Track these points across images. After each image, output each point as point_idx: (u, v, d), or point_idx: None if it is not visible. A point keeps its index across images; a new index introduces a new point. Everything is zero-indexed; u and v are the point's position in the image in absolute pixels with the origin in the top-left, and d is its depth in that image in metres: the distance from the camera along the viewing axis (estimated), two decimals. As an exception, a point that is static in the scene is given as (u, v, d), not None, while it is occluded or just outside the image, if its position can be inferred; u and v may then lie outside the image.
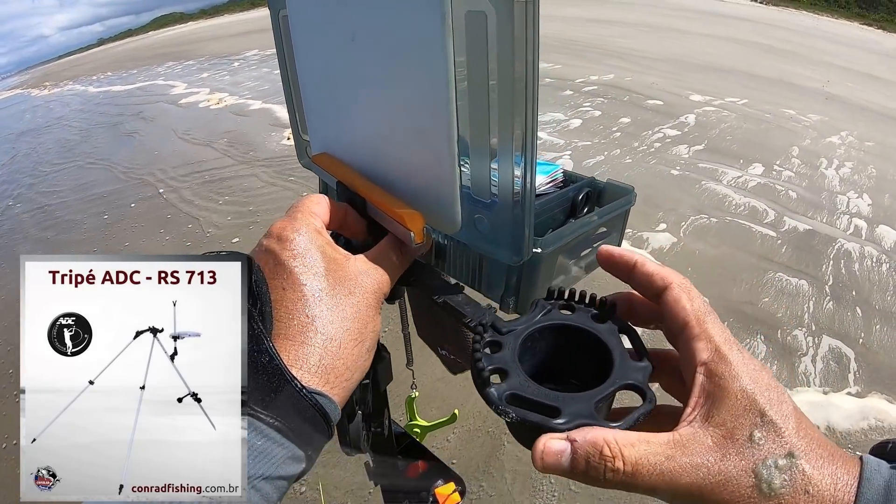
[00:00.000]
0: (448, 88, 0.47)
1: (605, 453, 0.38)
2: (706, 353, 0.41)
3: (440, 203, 0.55)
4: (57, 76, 16.44)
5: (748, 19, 13.36)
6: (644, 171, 4.86)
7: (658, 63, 8.48)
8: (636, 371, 0.44)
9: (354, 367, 0.49)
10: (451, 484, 1.28)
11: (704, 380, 0.41)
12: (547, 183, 0.80)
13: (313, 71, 0.65)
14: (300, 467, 0.44)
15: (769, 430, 0.37)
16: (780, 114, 6.24)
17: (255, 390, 0.42)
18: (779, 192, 4.45)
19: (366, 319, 0.50)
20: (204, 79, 10.60)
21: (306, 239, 0.50)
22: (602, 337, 0.47)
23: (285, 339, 0.46)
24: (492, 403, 0.42)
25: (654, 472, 0.37)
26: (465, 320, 0.56)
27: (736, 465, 0.37)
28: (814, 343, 2.84)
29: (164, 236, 4.50)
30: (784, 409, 0.38)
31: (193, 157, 6.15)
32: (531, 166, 0.49)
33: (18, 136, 8.90)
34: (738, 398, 0.38)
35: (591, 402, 0.42)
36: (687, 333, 0.43)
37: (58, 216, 5.26)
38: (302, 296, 0.48)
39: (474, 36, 0.45)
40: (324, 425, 0.45)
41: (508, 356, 0.46)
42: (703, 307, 0.44)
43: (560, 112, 6.40)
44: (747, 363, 0.41)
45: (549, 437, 0.40)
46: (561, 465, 0.39)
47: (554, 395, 0.42)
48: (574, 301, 0.51)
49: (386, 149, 0.60)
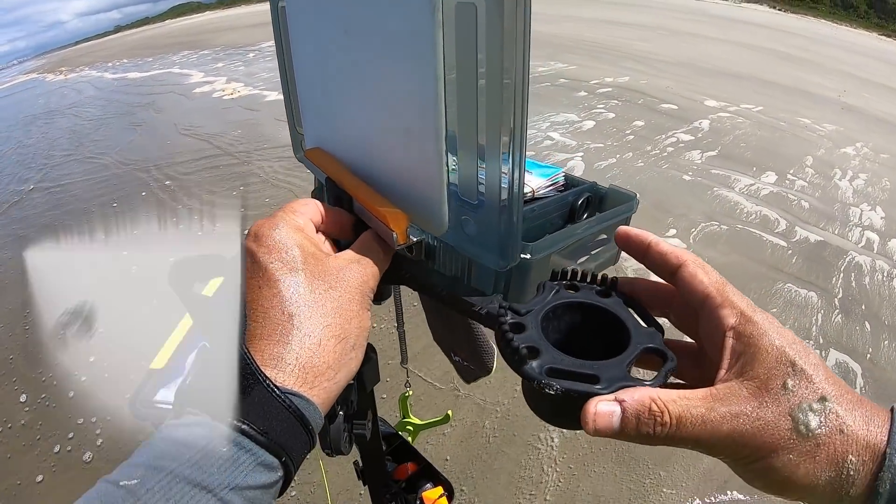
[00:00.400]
0: (437, 84, 0.46)
1: (653, 409, 0.39)
2: (733, 318, 0.42)
3: (427, 203, 0.53)
4: (73, 62, 16.52)
5: (766, 26, 13.30)
6: (656, 175, 4.83)
7: (674, 67, 8.44)
8: (651, 336, 0.46)
9: (338, 366, 0.46)
10: (440, 488, 1.27)
11: (734, 342, 0.42)
12: (547, 186, 0.78)
13: (308, 64, 0.64)
14: (275, 476, 0.41)
15: (801, 378, 0.38)
16: (795, 122, 6.19)
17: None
18: (791, 202, 4.41)
19: (349, 315, 0.48)
20: (219, 69, 10.63)
21: (283, 234, 0.49)
22: (612, 310, 0.49)
23: (260, 339, 0.44)
24: (533, 379, 0.42)
25: (696, 423, 0.39)
26: (474, 309, 0.55)
27: (773, 410, 0.38)
28: (820, 356, 2.77)
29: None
30: (812, 359, 0.40)
31: (204, 146, 6.17)
32: (519, 167, 0.47)
33: (34, 118, 8.95)
34: (768, 352, 0.40)
35: (623, 366, 0.43)
36: (710, 303, 0.44)
37: (66, 202, 5.28)
38: (278, 293, 0.46)
39: (464, 29, 0.43)
40: (301, 430, 0.43)
41: (535, 334, 0.46)
42: (720, 279, 0.45)
43: (574, 113, 6.38)
44: (773, 322, 0.42)
45: (598, 401, 0.40)
46: (612, 426, 0.40)
47: (589, 364, 0.43)
48: (577, 280, 0.52)
49: (376, 145, 0.58)
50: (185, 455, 0.37)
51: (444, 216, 0.53)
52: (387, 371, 2.32)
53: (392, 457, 1.35)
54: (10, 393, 2.85)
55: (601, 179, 0.76)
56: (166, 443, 0.38)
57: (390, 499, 1.23)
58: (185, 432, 0.39)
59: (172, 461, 0.37)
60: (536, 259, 0.58)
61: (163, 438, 0.39)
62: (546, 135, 5.75)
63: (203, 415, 0.40)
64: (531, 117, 6.05)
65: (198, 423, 0.39)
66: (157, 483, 0.35)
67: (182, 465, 0.37)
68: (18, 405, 2.77)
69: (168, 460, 0.37)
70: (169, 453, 0.37)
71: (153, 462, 0.37)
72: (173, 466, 0.36)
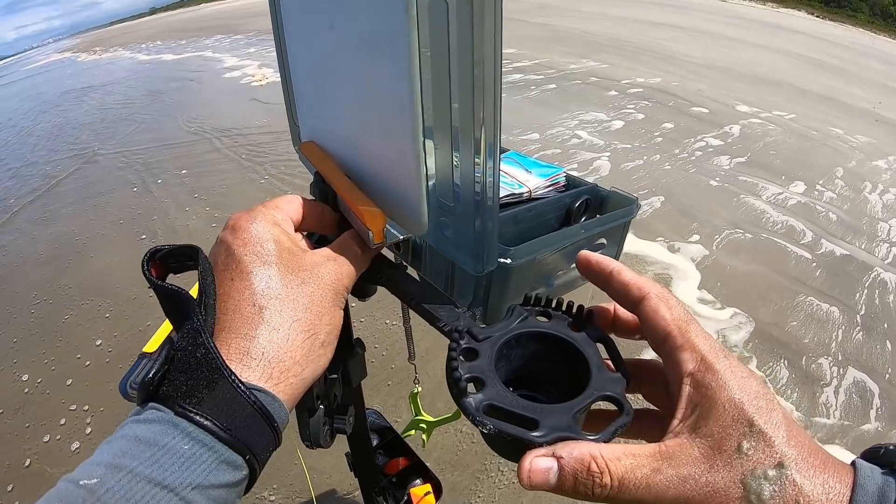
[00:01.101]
0: (412, 81, 0.45)
1: (592, 469, 0.37)
2: (692, 364, 0.40)
3: (407, 202, 0.53)
4: (107, 42, 16.68)
5: (803, 32, 13.06)
6: (682, 179, 4.76)
7: (707, 70, 8.33)
8: (613, 382, 0.43)
9: (305, 363, 0.45)
10: (428, 485, 1.28)
11: (691, 391, 0.39)
12: (546, 187, 0.77)
13: (301, 57, 0.64)
14: (239, 474, 0.40)
15: (758, 440, 0.36)
16: (826, 132, 6.07)
17: (188, 387, 0.40)
18: (818, 213, 4.33)
19: (320, 311, 0.48)
20: (251, 53, 10.68)
21: (260, 228, 0.48)
22: (578, 346, 0.46)
23: (228, 332, 0.43)
24: (468, 414, 0.41)
25: (640, 486, 0.36)
26: (439, 325, 0.54)
27: (724, 476, 0.35)
28: (838, 374, 2.76)
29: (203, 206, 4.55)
30: (774, 417, 0.37)
31: (235, 126, 6.21)
32: (493, 164, 0.46)
33: (80, 92, 9.07)
34: (725, 408, 0.37)
35: (570, 414, 0.40)
36: (670, 344, 0.41)
37: (94, 180, 5.36)
38: (249, 285, 0.45)
39: (437, 27, 0.43)
40: (265, 426, 0.42)
41: (485, 364, 0.44)
42: (683, 315, 0.42)
43: (603, 112, 6.31)
44: (735, 371, 0.39)
45: (535, 455, 0.38)
46: (548, 483, 0.38)
47: (531, 407, 0.41)
48: (551, 308, 0.50)
49: (360, 142, 0.58)
50: (146, 453, 0.37)
51: (424, 216, 0.52)
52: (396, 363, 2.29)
53: (384, 451, 1.36)
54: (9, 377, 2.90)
55: (627, 181, 0.75)
56: (127, 440, 0.38)
57: (378, 492, 1.24)
58: (145, 429, 0.38)
59: (133, 459, 0.36)
60: (517, 265, 0.57)
61: (123, 436, 0.38)
62: (574, 133, 5.69)
63: (166, 410, 0.39)
64: (559, 115, 6.03)
65: (159, 420, 0.39)
66: (118, 483, 0.35)
67: (142, 463, 0.36)
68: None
69: (128, 458, 0.36)
70: (129, 451, 0.37)
71: (113, 460, 0.36)
72: (133, 465, 0.36)
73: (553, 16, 12.45)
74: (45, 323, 3.29)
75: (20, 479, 2.31)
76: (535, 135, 5.68)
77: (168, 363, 0.41)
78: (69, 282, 3.67)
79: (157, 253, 0.47)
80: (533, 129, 5.84)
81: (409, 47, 0.44)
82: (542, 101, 6.73)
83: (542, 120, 6.08)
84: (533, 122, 6.02)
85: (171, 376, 0.40)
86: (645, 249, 3.58)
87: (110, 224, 4.41)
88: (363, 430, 1.01)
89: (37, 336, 3.18)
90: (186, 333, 0.41)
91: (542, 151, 5.28)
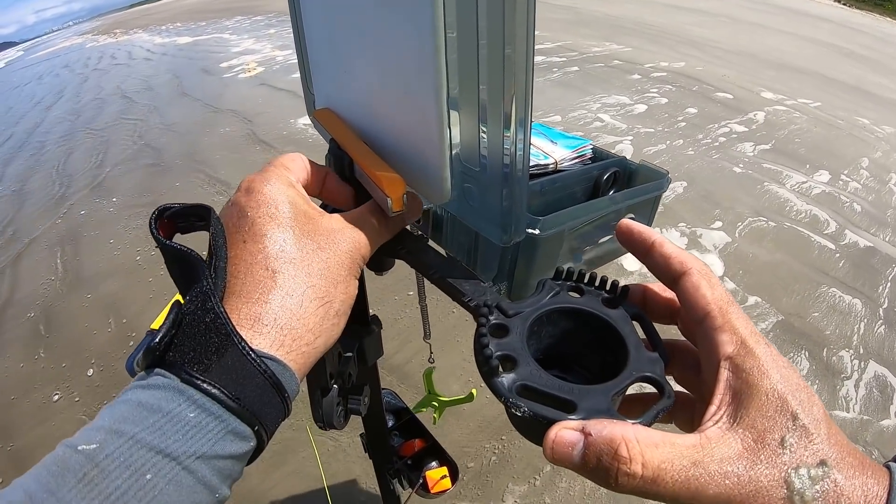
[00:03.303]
0: (436, 37, 0.42)
1: (620, 453, 0.34)
2: (731, 346, 0.38)
3: (429, 169, 0.50)
4: (127, 24, 16.73)
5: (830, 20, 12.79)
6: (705, 165, 4.68)
7: (732, 55, 8.20)
8: (652, 363, 0.41)
9: (318, 331, 0.43)
10: (444, 468, 1.26)
11: (730, 375, 0.37)
12: (573, 158, 0.74)
13: (316, 18, 0.61)
14: (247, 446, 0.39)
15: (801, 436, 0.34)
16: (853, 122, 5.94)
17: (196, 353, 0.38)
18: (843, 204, 4.24)
19: (335, 279, 0.45)
20: (270, 35, 10.66)
21: (275, 189, 0.46)
22: (615, 323, 0.43)
23: (239, 297, 0.41)
24: (501, 395, 0.38)
25: (678, 480, 0.33)
26: (464, 299, 0.50)
27: (767, 474, 0.33)
28: (859, 367, 2.71)
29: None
30: (815, 412, 0.35)
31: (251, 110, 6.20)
32: (524, 131, 0.43)
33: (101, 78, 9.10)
34: (768, 397, 0.35)
35: (609, 396, 0.38)
36: (708, 323, 0.39)
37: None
38: (262, 248, 0.43)
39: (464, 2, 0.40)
40: (275, 396, 0.40)
41: (517, 342, 0.42)
42: (725, 296, 0.40)
43: (625, 96, 6.23)
44: (776, 359, 0.37)
45: (563, 426, 0.36)
46: (571, 459, 0.35)
47: (568, 388, 0.38)
48: (584, 283, 0.47)
49: (378, 107, 0.55)
50: (149, 419, 0.35)
51: (447, 184, 0.50)
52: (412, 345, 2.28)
53: (400, 432, 1.34)
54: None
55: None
56: (129, 405, 0.36)
57: (393, 474, 1.22)
58: (149, 395, 0.36)
59: (134, 425, 0.34)
60: (546, 236, 0.54)
61: (126, 401, 0.36)
62: (596, 116, 5.63)
63: (171, 376, 0.37)
64: (581, 97, 5.97)
65: (165, 386, 0.37)
66: (118, 449, 0.33)
67: (144, 429, 0.34)
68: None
69: (130, 424, 0.34)
70: (131, 417, 0.35)
71: (114, 426, 0.34)
72: (135, 431, 0.34)
73: (576, -2, 12.35)
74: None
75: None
76: (557, 117, 5.62)
77: (175, 328, 0.39)
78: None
79: (165, 211, 0.45)
80: (555, 111, 5.78)
81: (433, 3, 0.41)
82: (565, 84, 6.64)
83: (564, 102, 6.01)
84: (555, 104, 5.96)
85: (178, 342, 0.39)
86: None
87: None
88: (378, 411, 0.99)
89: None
90: (195, 297, 0.40)
91: (563, 135, 5.21)
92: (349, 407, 0.71)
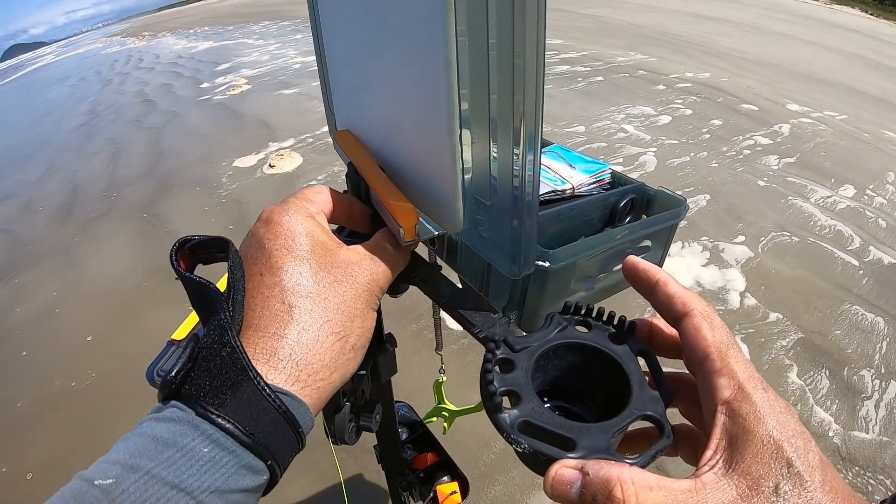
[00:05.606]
0: (448, 70, 0.42)
1: (615, 494, 0.34)
2: (728, 391, 0.38)
3: (442, 198, 0.50)
4: (155, 27, 16.95)
5: (857, 30, 12.64)
6: (729, 178, 4.64)
7: (757, 66, 8.13)
8: (654, 401, 0.41)
9: (333, 366, 0.44)
10: (455, 483, 1.26)
11: (727, 420, 0.37)
12: (591, 184, 0.73)
13: (337, 41, 0.61)
14: (260, 479, 0.39)
15: (796, 483, 0.34)
16: (879, 135, 5.86)
17: (212, 387, 0.38)
18: (867, 219, 4.18)
19: (352, 313, 0.45)
20: (297, 40, 10.76)
21: (293, 221, 0.46)
22: (619, 359, 0.44)
23: (256, 330, 0.42)
24: (503, 431, 0.39)
25: None
26: (473, 330, 0.51)
27: None
28: (880, 387, 2.66)
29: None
30: (811, 459, 0.35)
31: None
32: (533, 159, 0.43)
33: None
34: (764, 444, 0.35)
35: (608, 434, 0.38)
36: (707, 366, 0.39)
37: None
38: (279, 280, 0.43)
39: (475, 9, 0.40)
40: (290, 432, 0.40)
41: (521, 377, 0.42)
42: (725, 339, 0.40)
43: (650, 107, 6.20)
44: (773, 405, 0.37)
45: (563, 465, 0.36)
46: (570, 497, 0.35)
47: (569, 426, 0.39)
48: (591, 317, 0.47)
49: (394, 132, 0.55)
50: (164, 454, 0.35)
51: (460, 214, 0.50)
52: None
53: (413, 445, 1.35)
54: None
55: (673, 178, 0.71)
56: (144, 439, 0.36)
57: (405, 487, 1.23)
58: (164, 428, 0.37)
59: (150, 460, 0.35)
60: (557, 268, 0.54)
61: (141, 433, 0.37)
62: (620, 127, 5.61)
63: (187, 410, 0.38)
64: (605, 108, 5.95)
65: (180, 419, 0.37)
66: (133, 483, 0.34)
67: (159, 464, 0.35)
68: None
69: (145, 459, 0.35)
70: (147, 451, 0.36)
71: (129, 460, 0.35)
72: (150, 466, 0.35)
73: (601, 7, 12.29)
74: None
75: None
76: (581, 127, 5.61)
77: (192, 361, 0.40)
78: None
79: (186, 243, 0.46)
80: (579, 121, 5.76)
81: (446, 32, 0.41)
82: (589, 94, 6.63)
83: (588, 112, 6.00)
84: (579, 114, 5.95)
85: (195, 375, 0.39)
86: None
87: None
88: (391, 426, 1.00)
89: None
90: (212, 330, 0.40)
91: (587, 145, 5.21)
92: (361, 424, 0.71)
